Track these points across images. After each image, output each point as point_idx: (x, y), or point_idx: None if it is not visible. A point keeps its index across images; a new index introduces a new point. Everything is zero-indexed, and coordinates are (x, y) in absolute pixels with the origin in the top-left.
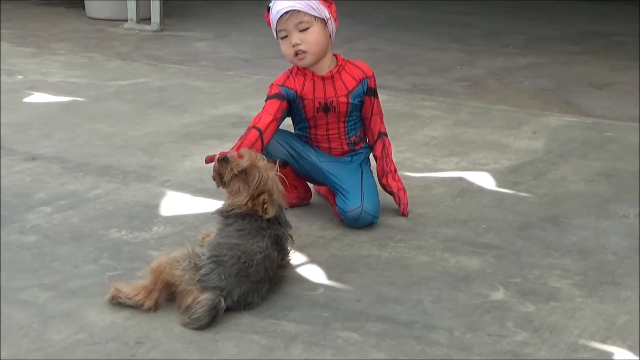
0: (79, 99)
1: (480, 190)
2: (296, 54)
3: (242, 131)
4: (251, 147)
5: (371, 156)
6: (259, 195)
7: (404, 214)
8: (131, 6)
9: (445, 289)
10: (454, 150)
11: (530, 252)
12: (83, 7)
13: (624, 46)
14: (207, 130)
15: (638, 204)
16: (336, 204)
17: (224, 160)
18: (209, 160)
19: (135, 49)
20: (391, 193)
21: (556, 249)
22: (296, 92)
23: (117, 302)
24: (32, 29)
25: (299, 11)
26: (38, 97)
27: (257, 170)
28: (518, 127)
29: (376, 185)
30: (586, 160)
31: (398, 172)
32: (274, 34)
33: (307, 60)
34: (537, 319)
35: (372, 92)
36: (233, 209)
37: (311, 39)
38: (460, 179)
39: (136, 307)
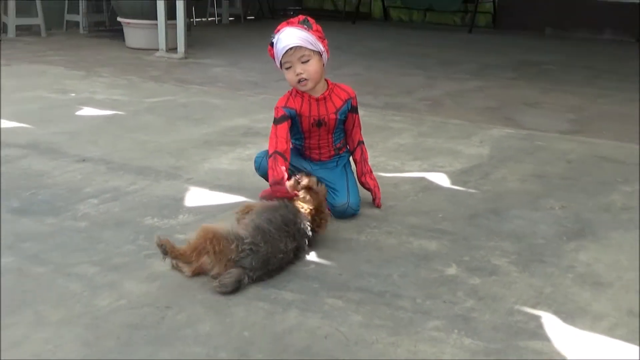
0: (120, 112)
1: (438, 187)
2: (299, 81)
3: (250, 139)
4: (284, 171)
5: (351, 159)
6: (319, 212)
7: (378, 206)
8: (161, 38)
9: (410, 266)
10: (417, 155)
11: (477, 236)
12: (123, 38)
13: (551, 73)
14: (221, 138)
15: (562, 198)
16: (328, 200)
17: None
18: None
19: (165, 73)
20: (368, 189)
21: (497, 234)
22: (296, 110)
23: (164, 251)
24: (82, 56)
25: (301, 47)
26: (87, 111)
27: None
28: (468, 137)
29: (357, 185)
30: (521, 164)
31: (373, 172)
32: (278, 64)
33: (308, 86)
34: (481, 289)
35: (354, 110)
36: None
37: (311, 69)
38: (423, 179)
39: (176, 267)
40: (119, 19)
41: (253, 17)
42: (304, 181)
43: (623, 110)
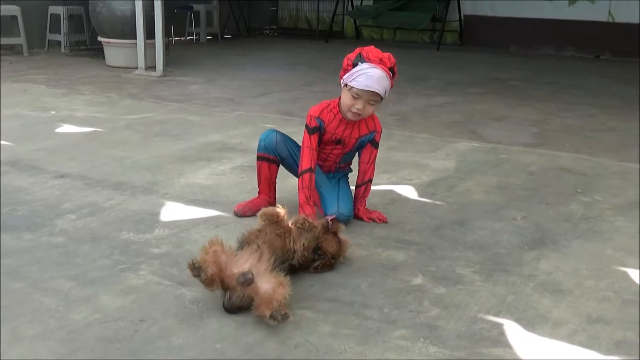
0: (98, 129)
1: (406, 199)
2: (353, 111)
3: (225, 154)
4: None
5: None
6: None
7: (384, 222)
8: (140, 57)
9: (378, 276)
10: (386, 169)
11: (443, 247)
12: (103, 57)
13: (516, 89)
14: (197, 154)
15: (524, 209)
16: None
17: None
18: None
19: (143, 90)
20: (361, 219)
21: (462, 245)
22: (324, 123)
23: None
24: (63, 74)
25: (378, 93)
26: (67, 128)
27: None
28: (435, 150)
29: (351, 194)
30: (486, 176)
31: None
32: (346, 83)
33: (356, 119)
34: (446, 298)
35: (374, 144)
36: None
37: (370, 111)
38: (391, 191)
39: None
40: (99, 38)
41: (230, 36)
42: (335, 227)
43: (584, 124)
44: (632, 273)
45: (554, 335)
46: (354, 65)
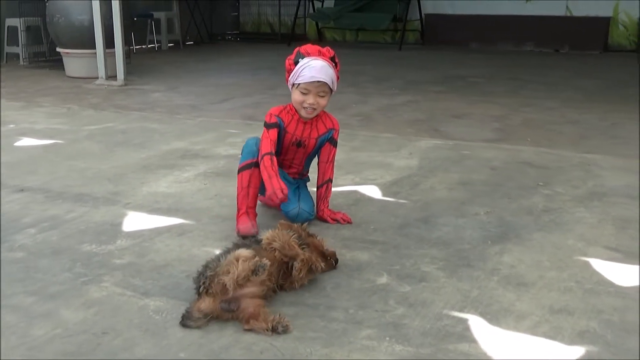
0: (59, 141)
1: (370, 199)
2: (306, 107)
3: (188, 161)
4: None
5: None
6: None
7: (349, 222)
8: (101, 66)
9: (342, 278)
10: (350, 170)
11: (407, 245)
12: (63, 68)
13: (477, 86)
14: (160, 162)
15: (486, 204)
16: (281, 208)
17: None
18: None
19: (104, 100)
20: (326, 221)
21: (426, 242)
22: (284, 124)
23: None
24: (21, 87)
25: (325, 83)
26: (26, 142)
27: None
28: (398, 149)
29: (310, 195)
30: (448, 173)
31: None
32: (292, 83)
33: (311, 115)
34: (412, 296)
35: (333, 142)
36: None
37: (322, 103)
38: (355, 192)
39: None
40: (58, 49)
41: (192, 43)
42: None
43: (545, 118)
44: (594, 263)
45: (518, 328)
46: (296, 63)
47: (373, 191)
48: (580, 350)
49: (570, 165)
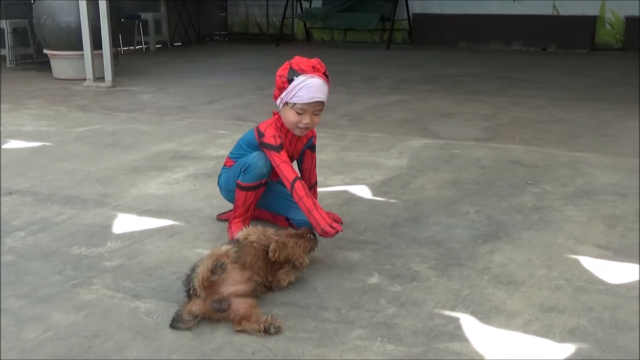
0: (47, 143)
1: (360, 199)
2: (301, 127)
3: (178, 163)
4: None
5: None
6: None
7: (339, 223)
8: (88, 68)
9: (334, 278)
10: (340, 170)
11: (398, 245)
12: (50, 70)
13: (465, 84)
14: (150, 163)
15: (476, 203)
16: (292, 218)
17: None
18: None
19: (92, 102)
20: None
21: (417, 242)
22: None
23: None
24: (9, 89)
25: (323, 102)
26: (14, 144)
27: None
28: (388, 149)
29: None
30: (438, 172)
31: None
32: (286, 101)
33: (304, 133)
34: (403, 296)
35: (312, 148)
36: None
37: (317, 121)
38: (345, 192)
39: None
40: (45, 51)
41: (180, 43)
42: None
43: (534, 116)
44: (583, 260)
45: (509, 326)
46: (290, 81)
47: (363, 191)
48: (571, 348)
49: (559, 163)
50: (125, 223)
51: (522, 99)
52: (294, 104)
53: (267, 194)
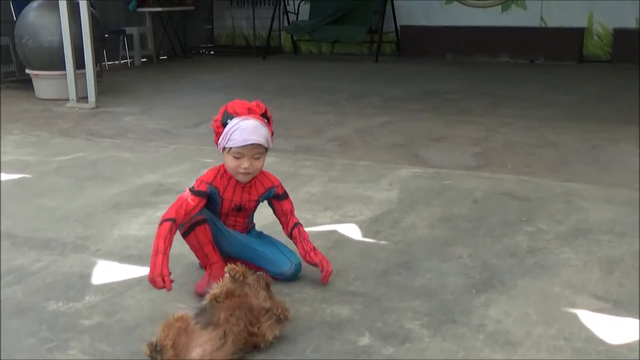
0: (27, 175)
1: (350, 241)
2: (240, 172)
3: (161, 198)
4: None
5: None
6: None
7: (325, 282)
8: (71, 89)
9: (323, 338)
10: (328, 205)
11: (389, 297)
12: (33, 89)
13: (454, 102)
14: (132, 199)
15: (469, 244)
16: (268, 270)
17: None
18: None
19: (75, 125)
20: (315, 265)
21: (409, 292)
22: (219, 191)
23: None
24: None
25: (260, 145)
26: None
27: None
28: (377, 180)
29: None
30: (430, 207)
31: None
32: (224, 146)
33: (248, 178)
34: None
35: (280, 197)
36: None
37: (258, 166)
38: (334, 232)
39: None
40: (27, 71)
41: (166, 57)
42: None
43: (524, 140)
44: (582, 315)
45: None
46: (224, 125)
47: (352, 231)
48: None
49: (553, 195)
50: (105, 272)
51: (511, 119)
52: (230, 148)
53: (235, 244)
